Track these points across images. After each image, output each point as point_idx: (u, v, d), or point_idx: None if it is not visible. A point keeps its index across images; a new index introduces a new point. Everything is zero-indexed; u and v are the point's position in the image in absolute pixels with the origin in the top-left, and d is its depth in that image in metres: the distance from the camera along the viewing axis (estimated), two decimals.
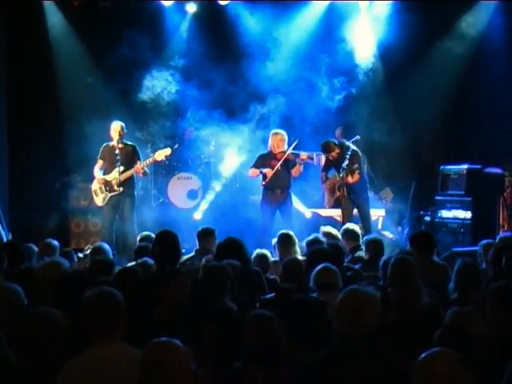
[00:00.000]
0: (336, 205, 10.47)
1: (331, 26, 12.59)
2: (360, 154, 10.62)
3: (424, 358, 3.38)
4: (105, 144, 10.47)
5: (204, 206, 12.27)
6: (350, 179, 10.34)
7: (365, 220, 10.55)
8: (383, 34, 12.45)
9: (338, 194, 10.61)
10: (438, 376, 3.31)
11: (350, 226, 8.53)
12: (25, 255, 6.86)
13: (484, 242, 7.29)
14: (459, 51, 12.55)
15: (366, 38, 12.80)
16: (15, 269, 6.43)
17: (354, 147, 10.51)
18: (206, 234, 7.77)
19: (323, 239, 7.76)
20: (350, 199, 10.54)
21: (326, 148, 10.60)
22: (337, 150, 10.52)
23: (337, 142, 10.69)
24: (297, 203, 11.52)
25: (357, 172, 10.31)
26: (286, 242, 7.50)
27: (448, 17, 12.54)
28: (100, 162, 10.47)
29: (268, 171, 10.44)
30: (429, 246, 6.92)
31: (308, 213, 11.84)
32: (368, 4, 12.76)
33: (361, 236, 8.34)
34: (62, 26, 12.35)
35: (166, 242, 6.00)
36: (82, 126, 11.62)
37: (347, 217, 10.44)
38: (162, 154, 10.68)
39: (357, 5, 12.79)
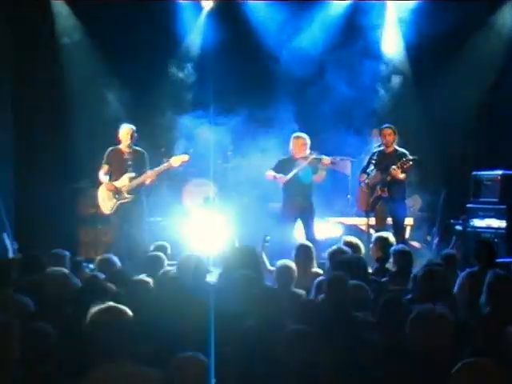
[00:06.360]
0: (371, 210, 9.96)
1: (356, 26, 12.34)
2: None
3: (460, 367, 3.31)
4: (110, 148, 10.07)
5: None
6: (399, 174, 9.88)
7: (398, 230, 10.03)
8: (411, 33, 12.28)
9: (379, 192, 10.05)
10: None
11: (384, 234, 8.12)
12: (38, 266, 6.67)
13: None
14: (492, 50, 12.29)
15: (393, 38, 12.62)
16: (27, 280, 6.28)
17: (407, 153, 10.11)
18: None
19: (346, 249, 7.25)
20: (386, 205, 10.08)
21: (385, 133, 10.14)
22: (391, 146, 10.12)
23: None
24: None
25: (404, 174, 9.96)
26: (303, 254, 7.20)
27: (480, 14, 12.23)
28: (105, 168, 10.03)
29: (280, 177, 10.08)
30: (490, 256, 6.88)
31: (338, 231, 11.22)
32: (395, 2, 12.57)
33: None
34: (72, 25, 12.18)
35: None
36: (92, 129, 11.42)
37: (380, 224, 10.02)
38: (178, 160, 10.22)
39: (383, 4, 12.56)
